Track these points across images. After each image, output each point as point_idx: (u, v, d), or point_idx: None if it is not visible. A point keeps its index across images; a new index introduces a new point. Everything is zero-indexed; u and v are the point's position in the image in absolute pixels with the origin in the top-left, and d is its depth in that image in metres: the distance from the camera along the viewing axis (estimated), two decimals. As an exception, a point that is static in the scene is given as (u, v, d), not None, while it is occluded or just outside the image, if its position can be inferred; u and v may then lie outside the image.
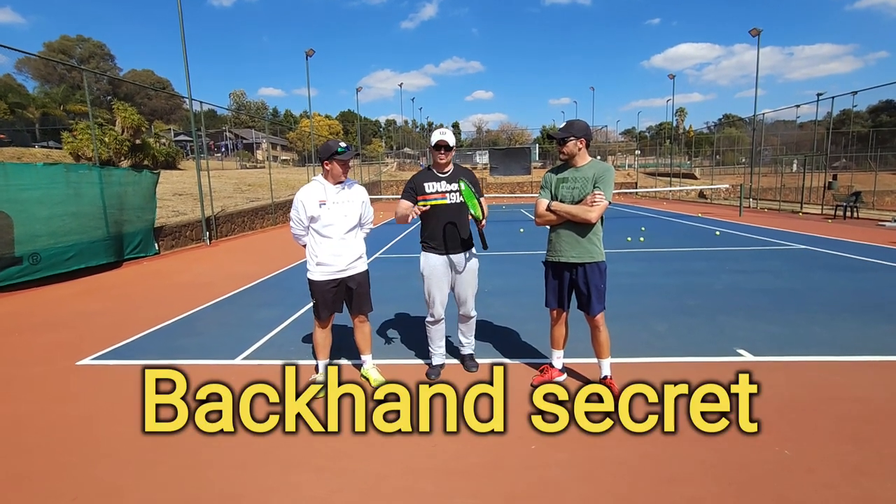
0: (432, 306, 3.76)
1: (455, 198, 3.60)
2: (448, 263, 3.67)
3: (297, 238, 3.60)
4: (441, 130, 3.58)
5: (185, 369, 4.23)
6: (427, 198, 3.60)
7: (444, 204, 3.59)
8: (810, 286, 6.60)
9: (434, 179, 3.63)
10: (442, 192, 3.60)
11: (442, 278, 3.67)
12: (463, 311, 3.87)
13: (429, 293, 3.73)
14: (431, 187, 3.61)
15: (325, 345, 3.69)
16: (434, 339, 3.91)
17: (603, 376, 3.47)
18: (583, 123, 3.25)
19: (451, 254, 3.65)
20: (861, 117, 51.02)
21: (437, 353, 3.94)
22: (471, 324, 3.96)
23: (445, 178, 3.64)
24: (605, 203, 3.15)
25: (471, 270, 3.75)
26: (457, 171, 3.69)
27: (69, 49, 66.77)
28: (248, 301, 6.66)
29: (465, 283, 3.74)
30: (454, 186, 3.60)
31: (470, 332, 3.99)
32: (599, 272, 3.30)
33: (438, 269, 3.66)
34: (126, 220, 9.99)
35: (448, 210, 3.59)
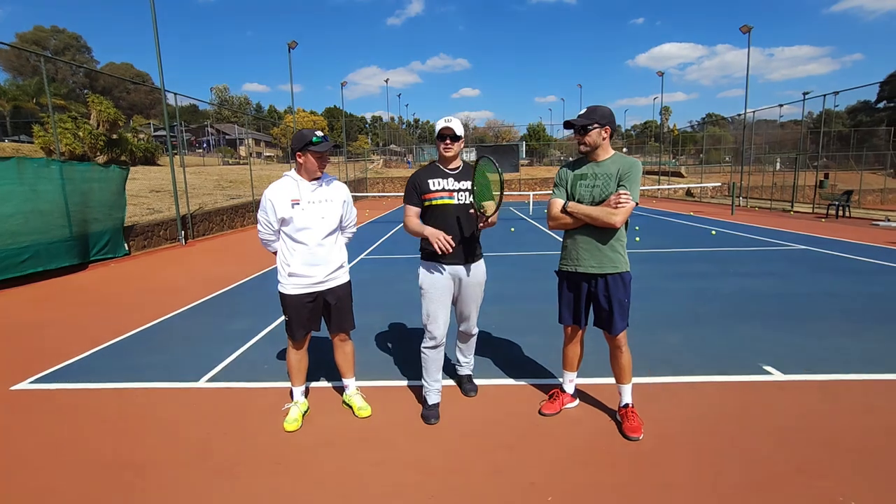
0: (433, 326, 3.08)
1: (464, 198, 3.02)
2: (453, 276, 3.08)
3: (267, 244, 3.06)
4: (446, 118, 2.97)
5: (138, 394, 3.75)
6: (432, 196, 3.01)
7: (451, 205, 3.00)
8: (822, 290, 6.23)
9: (440, 175, 3.04)
10: (449, 190, 3.00)
11: (445, 294, 3.07)
12: (464, 327, 3.34)
13: (428, 312, 3.08)
14: (437, 184, 3.01)
15: (300, 368, 3.15)
16: (431, 371, 3.17)
17: (623, 404, 3.00)
18: (607, 109, 2.76)
19: (458, 264, 3.06)
20: (841, 117, 51.66)
21: (432, 390, 3.20)
22: (472, 342, 3.46)
23: (454, 175, 3.04)
24: (631, 204, 2.67)
25: (478, 283, 3.18)
26: (467, 169, 3.10)
27: (43, 40, 64.59)
28: (220, 309, 6.07)
29: (471, 297, 3.18)
30: (463, 185, 3.03)
31: (470, 350, 3.50)
32: (623, 284, 2.82)
33: (441, 283, 3.04)
34: (92, 218, 9.27)
35: (455, 212, 3.00)
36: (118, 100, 55.71)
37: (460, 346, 3.49)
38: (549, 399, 3.24)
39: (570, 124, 2.79)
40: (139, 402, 3.51)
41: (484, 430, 3.00)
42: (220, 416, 3.26)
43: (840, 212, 15.63)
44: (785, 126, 39.74)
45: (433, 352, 3.14)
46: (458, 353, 3.53)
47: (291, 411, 3.11)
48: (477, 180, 2.96)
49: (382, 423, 3.14)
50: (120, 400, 3.54)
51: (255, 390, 3.65)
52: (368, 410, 3.20)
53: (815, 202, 18.16)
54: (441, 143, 2.99)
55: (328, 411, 3.30)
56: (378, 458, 2.72)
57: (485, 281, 3.23)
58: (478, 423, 3.09)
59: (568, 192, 2.89)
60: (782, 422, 3.00)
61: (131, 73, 66.86)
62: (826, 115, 23.70)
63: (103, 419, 3.27)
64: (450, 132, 2.95)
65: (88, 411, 3.39)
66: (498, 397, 3.45)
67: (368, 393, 3.45)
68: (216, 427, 3.10)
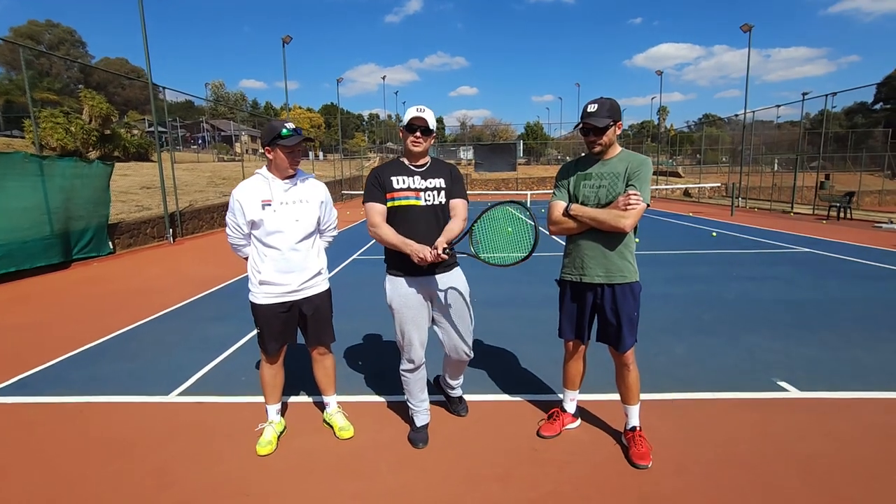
0: (409, 350, 2.74)
1: (433, 198, 2.64)
2: (424, 290, 2.69)
3: (236, 249, 2.76)
4: (418, 107, 2.57)
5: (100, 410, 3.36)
6: (394, 196, 2.62)
7: (417, 206, 2.62)
8: (831, 297, 5.99)
9: (404, 173, 2.66)
10: (415, 189, 2.62)
11: (419, 310, 2.68)
12: (456, 356, 2.85)
13: (402, 331, 2.72)
14: (401, 182, 2.63)
15: (274, 384, 2.86)
16: (414, 393, 2.86)
17: (630, 427, 2.73)
18: (616, 103, 2.48)
19: (426, 275, 2.66)
20: (838, 118, 51.62)
21: (419, 410, 2.90)
22: (462, 367, 3.01)
23: (420, 172, 2.67)
24: (642, 206, 2.40)
25: (457, 295, 2.73)
26: (437, 166, 2.75)
27: (37, 34, 63.83)
28: (201, 312, 5.77)
29: (453, 313, 2.73)
30: (431, 183, 2.65)
31: (459, 374, 3.07)
32: (633, 296, 2.54)
33: (411, 299, 2.66)
34: (74, 216, 8.95)
35: (421, 215, 2.62)
36: (113, 95, 55.04)
37: (448, 370, 3.01)
38: (548, 419, 2.96)
39: (587, 125, 2.47)
40: (101, 418, 3.22)
41: (476, 456, 2.72)
42: (186, 436, 2.97)
43: (841, 213, 15.42)
44: (782, 127, 39.63)
45: (413, 374, 2.82)
46: (447, 376, 3.08)
47: (265, 432, 2.83)
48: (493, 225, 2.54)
49: (366, 445, 2.86)
50: (80, 417, 3.24)
51: (229, 406, 3.36)
52: (351, 431, 2.91)
53: (815, 203, 17.96)
54: (410, 135, 2.58)
55: (307, 431, 3.01)
56: (358, 490, 2.44)
57: (468, 292, 2.80)
58: (469, 447, 2.81)
59: (571, 194, 2.61)
60: (805, 448, 2.73)
61: (126, 68, 66.12)
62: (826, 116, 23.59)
63: (59, 439, 2.97)
64: (422, 123, 2.56)
65: (45, 430, 3.10)
66: (491, 416, 3.17)
67: (352, 409, 3.16)
68: (180, 450, 2.81)
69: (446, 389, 3.18)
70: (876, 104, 54.12)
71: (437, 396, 3.37)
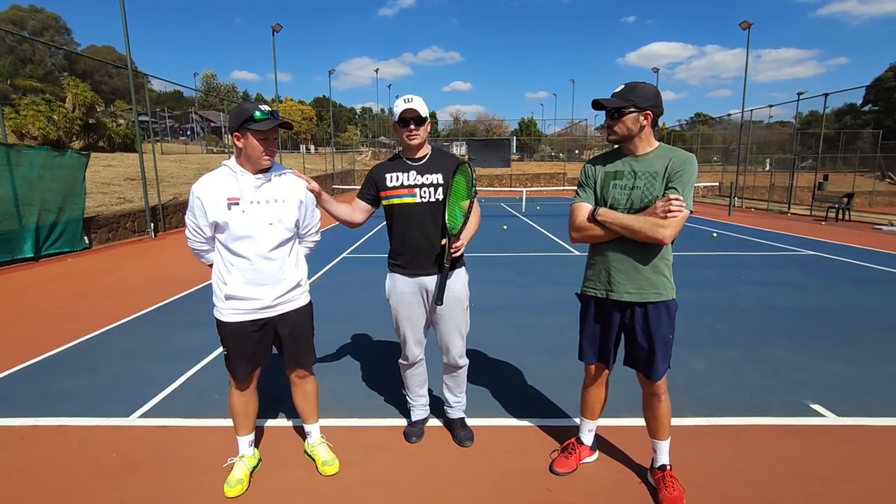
0: (404, 347, 2.72)
1: (430, 194, 2.47)
2: (420, 289, 2.57)
3: (199, 255, 2.33)
4: (405, 97, 2.39)
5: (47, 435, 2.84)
6: (388, 194, 2.51)
7: (413, 204, 2.47)
8: (849, 305, 5.68)
9: (400, 169, 2.52)
10: (410, 186, 2.47)
11: (414, 309, 2.60)
12: (447, 359, 2.73)
13: (397, 328, 2.69)
14: (395, 180, 2.50)
15: (246, 413, 2.45)
16: (411, 387, 2.86)
17: (660, 465, 2.36)
18: (651, 88, 2.08)
19: (424, 275, 2.53)
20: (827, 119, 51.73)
21: (416, 405, 2.89)
22: (460, 377, 2.81)
23: (417, 167, 2.50)
24: (685, 213, 2.01)
25: (455, 301, 2.57)
26: (437, 159, 2.55)
27: (21, 20, 62.19)
28: (175, 316, 5.33)
29: (447, 319, 2.60)
30: (429, 179, 2.47)
31: (459, 387, 2.84)
32: (668, 317, 2.17)
33: (407, 298, 2.58)
34: (44, 208, 8.41)
35: (418, 212, 2.48)
36: (100, 84, 53.82)
37: (448, 382, 2.83)
38: (562, 452, 2.59)
39: (600, 105, 2.11)
40: (45, 446, 2.78)
41: (479, 500, 2.34)
42: (144, 470, 2.55)
43: (840, 215, 15.23)
44: (772, 127, 39.63)
45: (411, 369, 2.80)
46: (446, 391, 2.86)
47: (235, 469, 2.42)
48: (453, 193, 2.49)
49: (353, 482, 2.46)
50: (21, 444, 2.80)
51: (196, 431, 2.95)
52: (335, 466, 2.51)
53: (812, 204, 17.78)
54: (404, 129, 2.42)
55: (284, 465, 2.61)
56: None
57: (466, 297, 2.65)
58: (472, 486, 2.43)
59: (597, 195, 2.22)
60: (855, 487, 2.38)
61: (113, 56, 64.49)
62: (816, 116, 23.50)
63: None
64: (413, 115, 2.39)
65: (-22, 460, 2.66)
66: (496, 446, 2.78)
67: (338, 437, 2.76)
68: (135, 489, 2.40)
69: (445, 408, 2.90)
70: (865, 106, 54.40)
71: (435, 421, 2.99)
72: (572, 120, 64.38)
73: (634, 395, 2.66)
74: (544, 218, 15.88)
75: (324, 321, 2.71)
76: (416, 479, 2.48)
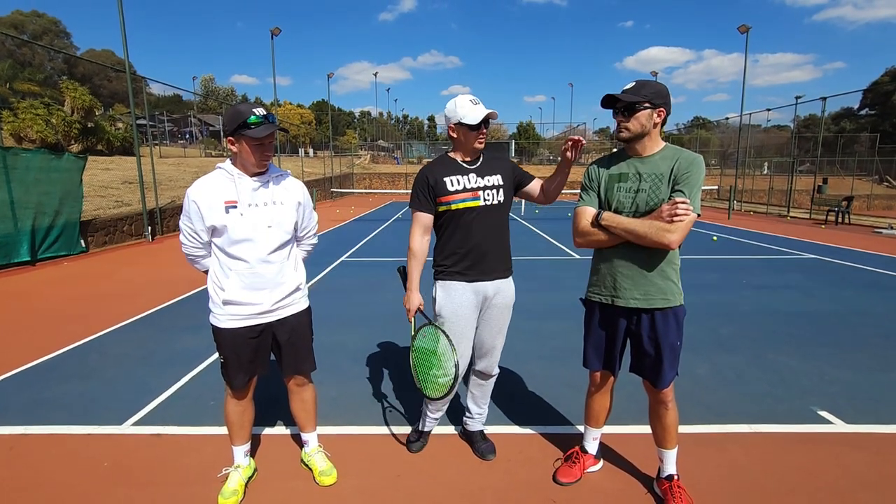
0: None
1: (493, 197, 2.40)
2: (478, 296, 2.45)
3: (194, 261, 2.27)
4: (472, 98, 2.34)
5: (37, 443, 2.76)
6: (451, 199, 2.36)
7: (477, 207, 2.38)
8: (852, 309, 5.62)
9: (459, 171, 2.40)
10: (473, 189, 2.38)
11: (470, 319, 2.45)
12: (482, 365, 2.61)
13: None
14: (456, 183, 2.37)
15: (241, 423, 2.38)
16: (433, 411, 2.70)
17: (667, 475, 2.29)
18: (663, 86, 2.03)
19: (486, 281, 2.44)
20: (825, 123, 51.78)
21: (431, 418, 2.73)
22: (488, 386, 2.71)
23: (475, 169, 2.42)
24: (692, 217, 1.96)
25: (506, 306, 2.53)
26: (491, 161, 2.49)
27: (22, 24, 62.25)
28: (172, 320, 5.25)
29: (495, 323, 2.52)
30: (490, 181, 2.41)
31: (485, 398, 2.74)
32: (676, 323, 2.11)
33: (466, 307, 2.42)
34: (41, 211, 8.34)
35: (483, 217, 2.39)
36: (99, 88, 53.77)
37: (474, 392, 2.72)
38: (565, 461, 2.52)
39: (613, 100, 2.04)
40: (35, 456, 2.71)
41: (484, 510, 2.27)
42: (136, 481, 2.48)
43: (840, 218, 15.21)
44: (769, 131, 39.68)
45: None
46: (470, 402, 2.74)
47: (230, 479, 2.35)
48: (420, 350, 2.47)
49: (351, 493, 2.39)
50: (10, 454, 2.72)
51: (190, 440, 2.88)
52: (333, 476, 2.45)
53: (811, 208, 17.76)
54: (476, 133, 2.35)
55: (280, 475, 2.54)
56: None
57: (513, 304, 2.58)
58: (472, 498, 2.36)
59: (602, 198, 2.17)
60: (871, 498, 2.31)
61: (112, 60, 64.51)
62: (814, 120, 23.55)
63: (-19, 484, 2.47)
64: (494, 117, 2.36)
65: (-34, 470, 2.59)
66: (498, 453, 2.71)
67: (336, 445, 2.69)
68: (126, 500, 2.32)
69: (466, 419, 2.80)
70: (862, 110, 54.56)
71: (436, 430, 2.92)
72: (571, 124, 64.44)
73: (639, 402, 2.61)
74: (543, 221, 15.84)
75: (322, 326, 2.64)
76: (416, 490, 2.41)
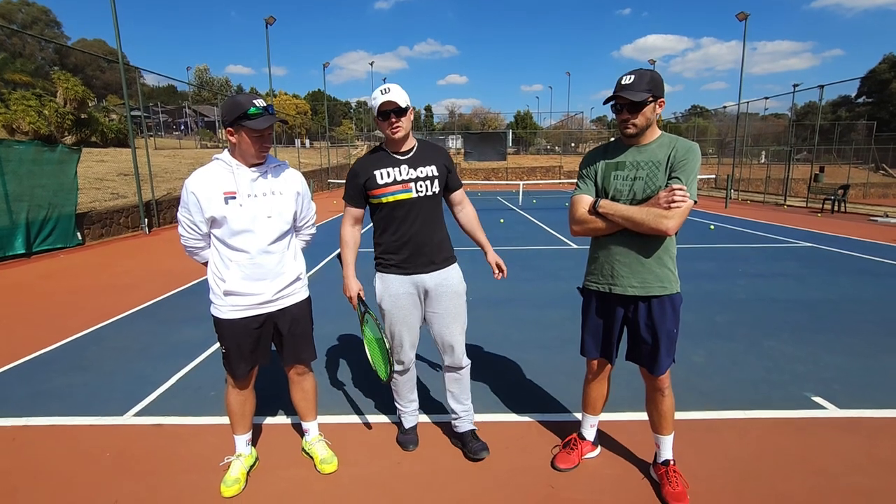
0: (398, 351, 2.53)
1: (426, 188, 2.36)
2: (417, 288, 2.45)
3: (193, 252, 2.27)
4: (382, 87, 2.24)
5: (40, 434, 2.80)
6: (381, 192, 2.34)
7: (409, 199, 2.34)
8: (846, 296, 5.67)
9: (389, 164, 2.35)
10: (403, 181, 2.33)
11: (410, 310, 2.46)
12: (449, 360, 2.56)
13: (391, 333, 2.51)
14: (386, 176, 2.33)
15: (243, 413, 2.41)
16: (403, 393, 2.69)
17: (663, 461, 2.33)
18: (659, 75, 2.03)
19: (422, 273, 2.42)
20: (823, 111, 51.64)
21: (407, 412, 2.73)
22: (464, 380, 2.62)
23: (407, 160, 2.37)
24: (689, 204, 1.97)
25: (453, 294, 2.47)
26: (427, 151, 2.44)
27: (10, 14, 61.37)
28: (171, 311, 5.26)
29: (446, 315, 2.46)
30: (423, 172, 2.36)
31: (464, 393, 2.64)
32: (673, 311, 2.13)
33: (403, 298, 2.44)
34: (35, 204, 8.30)
35: (416, 208, 2.37)
36: (91, 78, 53.15)
37: (451, 389, 2.63)
38: (563, 448, 2.56)
39: (620, 100, 2.00)
40: (37, 447, 2.73)
41: (483, 495, 2.31)
42: (139, 470, 2.50)
43: (836, 207, 15.26)
44: (767, 119, 39.59)
45: (402, 376, 2.64)
46: (451, 401, 2.65)
47: (232, 468, 2.38)
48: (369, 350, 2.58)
49: (352, 480, 2.43)
50: (13, 445, 2.75)
51: (192, 429, 2.90)
52: (334, 465, 2.48)
53: (808, 196, 17.80)
54: (384, 122, 2.27)
55: (282, 464, 2.57)
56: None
57: (464, 291, 2.55)
58: (475, 483, 2.40)
59: (599, 187, 2.18)
60: (861, 481, 2.35)
61: (104, 50, 63.73)
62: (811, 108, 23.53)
63: (-16, 474, 2.49)
64: (392, 106, 2.21)
65: (-31, 461, 2.61)
66: (498, 441, 2.74)
67: (335, 434, 2.73)
68: (130, 490, 2.35)
69: (453, 421, 2.71)
70: (859, 97, 54.48)
71: (433, 416, 2.95)
72: (568, 113, 64.18)
73: (636, 390, 2.64)
74: (541, 211, 15.84)
75: (321, 317, 2.66)
76: (416, 477, 2.45)
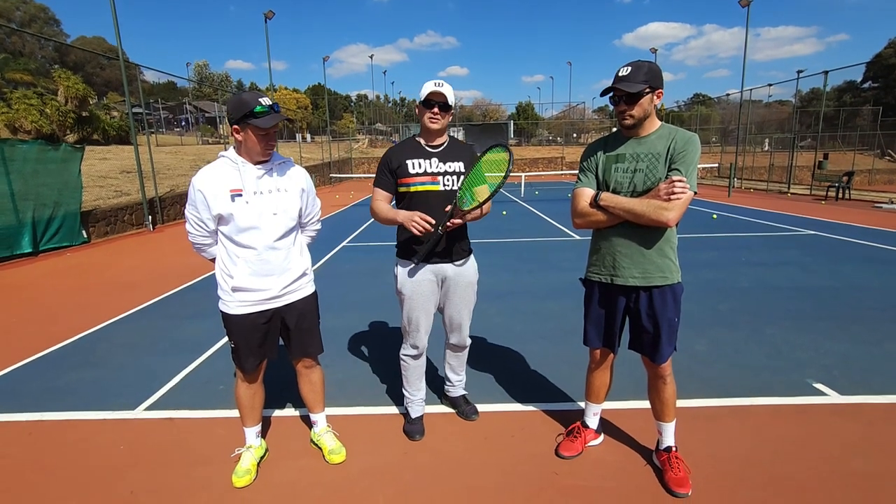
0: (414, 336, 2.67)
1: (452, 182, 2.48)
2: (437, 277, 2.59)
3: (200, 249, 2.31)
4: (436, 80, 2.37)
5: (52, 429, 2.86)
6: (410, 181, 2.46)
7: (435, 192, 2.46)
8: (849, 283, 5.68)
9: (421, 155, 2.48)
10: (433, 173, 2.46)
11: (429, 297, 2.59)
12: (455, 339, 2.81)
13: (409, 318, 2.63)
14: (417, 167, 2.46)
15: (252, 405, 2.46)
16: (412, 381, 2.81)
17: (665, 447, 2.37)
18: (657, 66, 2.04)
19: (443, 262, 2.56)
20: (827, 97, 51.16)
21: (415, 400, 2.84)
22: (464, 356, 2.95)
23: (438, 154, 2.49)
24: (689, 195, 1.99)
25: (468, 284, 2.67)
26: (456, 148, 2.57)
27: (8, 12, 61.28)
28: (177, 308, 5.32)
29: (460, 301, 2.66)
30: (451, 167, 2.48)
31: (461, 366, 2.98)
32: (674, 300, 2.16)
33: (424, 285, 2.56)
34: (41, 203, 8.36)
35: (440, 201, 2.44)
36: (92, 76, 53.13)
37: (451, 362, 2.95)
38: (567, 436, 2.60)
39: (617, 91, 2.03)
40: (52, 440, 2.79)
41: (488, 483, 2.35)
42: (151, 462, 2.56)
43: (840, 193, 15.19)
44: (771, 106, 39.25)
45: (414, 361, 2.76)
46: (449, 371, 2.98)
47: (243, 459, 2.43)
48: (475, 169, 2.46)
49: (360, 471, 2.48)
50: (29, 439, 2.81)
51: (202, 423, 2.96)
52: (342, 455, 2.53)
53: (812, 184, 17.72)
54: (427, 111, 2.41)
55: (291, 455, 2.62)
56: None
57: (476, 280, 2.74)
58: (480, 472, 2.44)
59: (599, 179, 2.20)
60: (861, 466, 2.39)
61: (104, 47, 63.60)
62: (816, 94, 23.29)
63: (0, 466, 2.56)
64: (441, 98, 2.38)
65: (-14, 456, 2.67)
66: (502, 430, 2.80)
67: (343, 426, 2.78)
68: (143, 481, 2.41)
69: (447, 388, 3.04)
70: (865, 83, 53.94)
71: (439, 407, 3.01)
72: (570, 103, 63.88)
73: (638, 378, 2.68)
74: (543, 203, 15.83)
75: (327, 310, 2.71)
76: (423, 466, 2.49)
